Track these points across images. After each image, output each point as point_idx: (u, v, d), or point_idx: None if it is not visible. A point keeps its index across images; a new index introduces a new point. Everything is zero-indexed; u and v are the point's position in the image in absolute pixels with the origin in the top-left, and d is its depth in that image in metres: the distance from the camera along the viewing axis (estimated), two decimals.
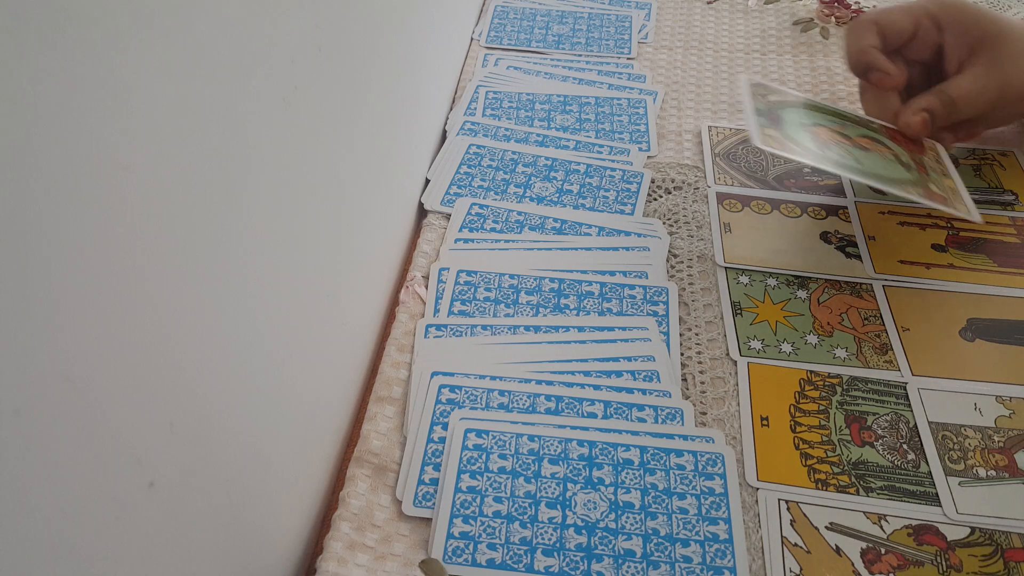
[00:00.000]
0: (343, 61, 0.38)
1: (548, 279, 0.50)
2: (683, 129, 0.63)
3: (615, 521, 0.38)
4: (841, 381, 0.44)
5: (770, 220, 0.54)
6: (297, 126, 0.33)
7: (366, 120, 0.43)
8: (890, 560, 0.37)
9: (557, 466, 0.40)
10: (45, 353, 0.19)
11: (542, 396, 0.43)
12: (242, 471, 0.31)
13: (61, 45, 0.18)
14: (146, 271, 0.23)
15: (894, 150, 0.51)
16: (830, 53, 0.71)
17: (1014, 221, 0.54)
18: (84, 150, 0.20)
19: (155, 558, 0.25)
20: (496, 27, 0.74)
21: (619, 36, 0.73)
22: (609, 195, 0.56)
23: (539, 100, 0.65)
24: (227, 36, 0.26)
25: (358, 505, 0.39)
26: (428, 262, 0.51)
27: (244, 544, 0.32)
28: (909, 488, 0.40)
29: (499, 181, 0.57)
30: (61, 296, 0.19)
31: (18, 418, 0.18)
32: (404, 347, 0.46)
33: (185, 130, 0.24)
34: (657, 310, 0.48)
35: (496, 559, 0.37)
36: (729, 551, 0.37)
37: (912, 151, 0.52)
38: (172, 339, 0.25)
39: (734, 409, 0.43)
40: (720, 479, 0.40)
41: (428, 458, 0.40)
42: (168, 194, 0.24)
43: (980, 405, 0.43)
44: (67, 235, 0.19)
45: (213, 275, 0.27)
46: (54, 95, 0.18)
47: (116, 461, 0.22)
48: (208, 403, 0.28)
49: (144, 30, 0.22)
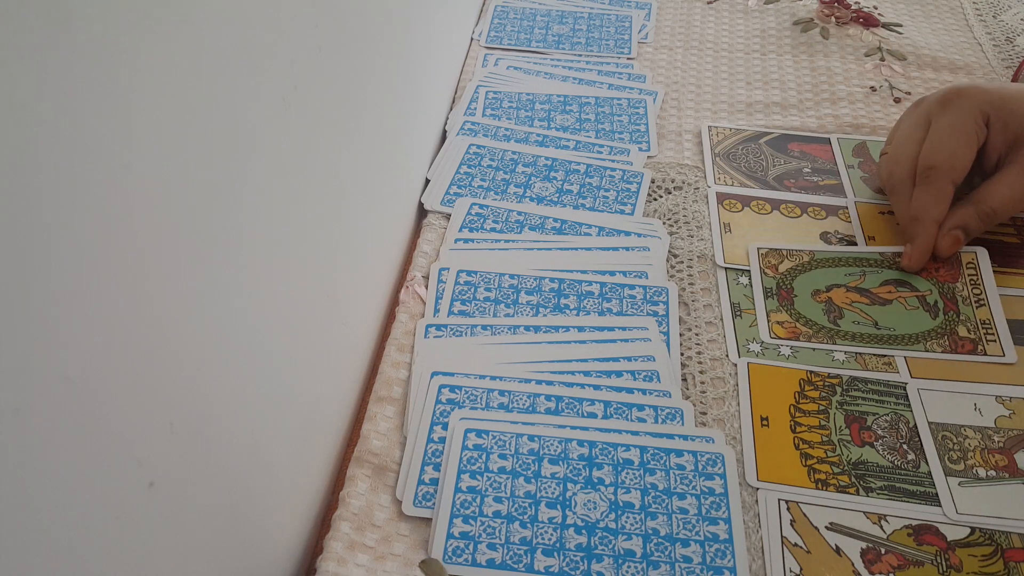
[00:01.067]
0: (343, 61, 0.38)
1: (548, 279, 0.50)
2: (683, 129, 0.63)
3: (615, 521, 0.38)
4: (841, 381, 0.44)
5: (770, 220, 0.54)
6: (297, 126, 0.33)
7: (366, 120, 0.43)
8: (890, 560, 0.37)
9: (557, 466, 0.40)
10: (45, 353, 0.19)
11: (542, 396, 0.43)
12: (242, 471, 0.31)
13: (61, 45, 0.18)
14: (146, 271, 0.23)
15: (921, 289, 0.49)
16: (830, 53, 0.71)
17: (1014, 221, 0.54)
18: (84, 149, 0.20)
19: (155, 558, 0.25)
20: (496, 27, 0.74)
21: (619, 36, 0.73)
22: (609, 195, 0.56)
23: (539, 100, 0.65)
24: (227, 36, 0.26)
25: (358, 505, 0.39)
26: (428, 262, 0.51)
27: (244, 544, 0.32)
28: (909, 488, 0.40)
29: (499, 181, 0.57)
30: (61, 296, 0.19)
31: (18, 418, 0.18)
32: (404, 347, 0.46)
33: (185, 130, 0.24)
34: (657, 310, 0.48)
35: (496, 559, 0.37)
36: (729, 551, 0.37)
37: (944, 280, 0.49)
38: (172, 339, 0.25)
39: (734, 409, 0.43)
40: (720, 479, 0.40)
41: (428, 458, 0.40)
42: (168, 194, 0.24)
43: (980, 405, 0.43)
44: (67, 234, 0.19)
45: (213, 275, 0.27)
46: (54, 94, 0.18)
47: (116, 461, 0.22)
48: (208, 403, 0.28)
49: (144, 30, 0.22)
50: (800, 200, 0.56)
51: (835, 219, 0.54)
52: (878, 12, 0.75)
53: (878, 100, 0.65)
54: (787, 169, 0.59)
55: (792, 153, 0.60)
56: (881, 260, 0.51)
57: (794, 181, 0.58)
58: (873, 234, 0.53)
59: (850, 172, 0.58)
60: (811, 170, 0.59)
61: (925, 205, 0.49)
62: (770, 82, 0.68)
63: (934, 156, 0.49)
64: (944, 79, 0.67)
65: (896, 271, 0.50)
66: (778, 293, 0.49)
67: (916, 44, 0.71)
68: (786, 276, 0.50)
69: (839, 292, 0.49)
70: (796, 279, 0.50)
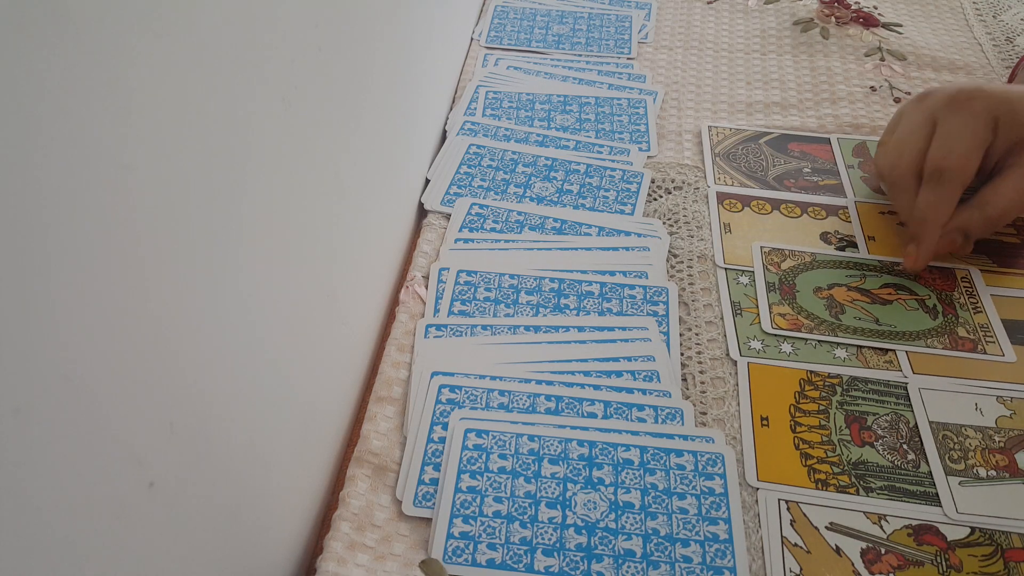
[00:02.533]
0: (343, 61, 0.38)
1: (548, 279, 0.50)
2: (683, 129, 0.63)
3: (615, 521, 0.38)
4: (841, 381, 0.44)
5: (770, 220, 0.54)
6: (297, 126, 0.33)
7: (366, 120, 0.43)
8: (890, 560, 0.37)
9: (557, 466, 0.40)
10: (45, 353, 0.19)
11: (542, 396, 0.43)
12: (242, 471, 0.31)
13: (62, 45, 0.18)
14: (146, 271, 0.23)
15: (920, 294, 0.49)
16: (830, 53, 0.71)
17: (1014, 221, 0.54)
18: (84, 150, 0.20)
19: (155, 558, 0.25)
20: (496, 27, 0.74)
21: (619, 36, 0.73)
22: (609, 195, 0.56)
23: (539, 100, 0.65)
24: (227, 36, 0.26)
25: (358, 505, 0.39)
26: (428, 262, 0.51)
27: (244, 544, 0.32)
28: (909, 488, 0.40)
29: (499, 181, 0.57)
30: (61, 296, 0.19)
31: (18, 418, 0.18)
32: (404, 347, 0.46)
33: (185, 130, 0.24)
34: (657, 310, 0.48)
35: (496, 559, 0.37)
36: (729, 551, 0.37)
37: (940, 288, 0.49)
38: (172, 339, 0.25)
39: (734, 409, 0.43)
40: (720, 479, 0.40)
41: (428, 458, 0.40)
42: (168, 194, 0.24)
43: (981, 405, 0.43)
44: (67, 235, 0.19)
45: (213, 275, 0.27)
46: (55, 95, 0.18)
47: (116, 461, 0.22)
48: (208, 403, 0.28)
49: (144, 30, 0.22)
50: (800, 200, 0.56)
51: (835, 219, 0.54)
52: (878, 12, 0.75)
53: (878, 100, 0.65)
54: (787, 169, 0.59)
55: (792, 153, 0.60)
56: (880, 266, 0.51)
57: (794, 181, 0.58)
58: (873, 234, 0.53)
59: (850, 172, 0.58)
60: (811, 170, 0.59)
61: (934, 207, 0.48)
62: (770, 82, 0.68)
63: (945, 159, 0.48)
64: (944, 79, 0.67)
65: (895, 276, 0.50)
66: (780, 288, 0.49)
67: (916, 44, 0.71)
68: (788, 273, 0.50)
69: (840, 290, 0.49)
70: (798, 276, 0.50)
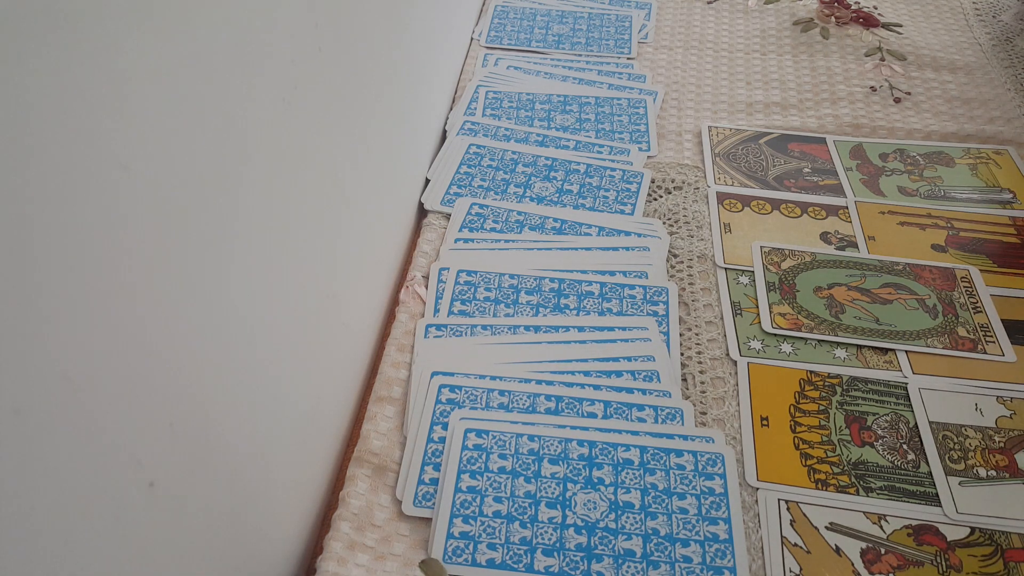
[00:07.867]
0: (343, 61, 0.38)
1: (548, 279, 0.50)
2: (683, 129, 0.63)
3: (615, 521, 0.38)
4: (841, 381, 0.44)
5: (770, 220, 0.54)
6: (297, 126, 0.33)
7: (366, 120, 0.43)
8: (890, 560, 0.37)
9: (557, 466, 0.40)
10: (45, 353, 0.19)
11: (542, 396, 0.43)
12: (242, 471, 0.31)
13: (61, 45, 0.18)
14: (146, 271, 0.23)
15: (920, 294, 0.49)
16: (830, 53, 0.71)
17: (1014, 221, 0.54)
18: (83, 150, 0.20)
19: (155, 558, 0.25)
20: (496, 27, 0.74)
21: (619, 36, 0.73)
22: (609, 195, 0.56)
23: (539, 100, 0.65)
24: (227, 36, 0.26)
25: (358, 505, 0.39)
26: (428, 262, 0.51)
27: (244, 544, 0.32)
28: (909, 488, 0.40)
29: (499, 181, 0.57)
30: (61, 296, 0.19)
31: (18, 418, 0.18)
32: (404, 347, 0.46)
33: (185, 130, 0.24)
34: (657, 310, 0.48)
35: (496, 559, 0.37)
36: (729, 551, 0.37)
37: (941, 288, 0.49)
38: (172, 339, 0.25)
39: (734, 409, 0.43)
40: (720, 479, 0.40)
41: (428, 458, 0.40)
42: (168, 194, 0.24)
43: (981, 405, 0.43)
44: (66, 235, 0.19)
45: (213, 275, 0.27)
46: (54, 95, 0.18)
47: (116, 461, 0.22)
48: (208, 403, 0.27)
49: (144, 30, 0.22)
50: (800, 200, 0.56)
51: (835, 219, 0.54)
52: (878, 12, 0.75)
53: (878, 100, 0.65)
54: (787, 169, 0.59)
55: (792, 153, 0.60)
56: (880, 266, 0.51)
57: (794, 181, 0.58)
58: (873, 234, 0.53)
59: (848, 174, 0.58)
60: (811, 170, 0.59)
61: None
62: (770, 82, 0.68)
63: None
64: (944, 79, 0.67)
65: (895, 276, 0.50)
66: (780, 288, 0.49)
67: (916, 44, 0.71)
68: (788, 273, 0.50)
69: (840, 290, 0.49)
70: (798, 276, 0.50)
